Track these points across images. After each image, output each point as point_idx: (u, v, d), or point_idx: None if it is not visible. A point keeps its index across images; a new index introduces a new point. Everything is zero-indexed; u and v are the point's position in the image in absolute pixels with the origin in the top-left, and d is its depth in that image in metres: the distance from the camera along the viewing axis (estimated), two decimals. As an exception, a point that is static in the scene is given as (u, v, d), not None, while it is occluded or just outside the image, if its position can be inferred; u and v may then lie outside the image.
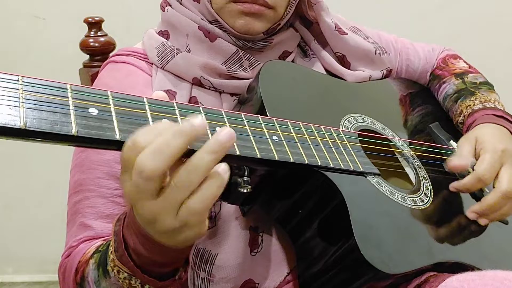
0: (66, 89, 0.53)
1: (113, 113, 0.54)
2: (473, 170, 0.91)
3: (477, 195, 0.90)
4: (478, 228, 0.87)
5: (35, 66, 1.65)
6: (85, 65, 1.20)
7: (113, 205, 0.82)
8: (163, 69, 0.90)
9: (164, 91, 0.86)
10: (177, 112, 0.60)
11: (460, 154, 0.92)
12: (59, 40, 1.64)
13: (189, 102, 0.88)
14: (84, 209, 0.82)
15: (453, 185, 0.89)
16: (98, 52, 1.19)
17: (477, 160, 0.90)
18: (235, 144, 0.63)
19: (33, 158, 1.77)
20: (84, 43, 1.19)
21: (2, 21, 1.66)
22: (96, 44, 1.19)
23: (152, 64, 0.92)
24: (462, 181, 0.87)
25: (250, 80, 0.89)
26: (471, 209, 0.87)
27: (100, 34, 1.19)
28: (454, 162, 0.90)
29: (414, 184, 0.89)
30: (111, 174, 0.82)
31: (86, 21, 1.19)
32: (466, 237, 0.86)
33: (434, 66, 1.14)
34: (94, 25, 1.19)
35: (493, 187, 0.87)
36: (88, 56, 1.20)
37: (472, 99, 1.03)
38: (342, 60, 1.01)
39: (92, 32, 1.19)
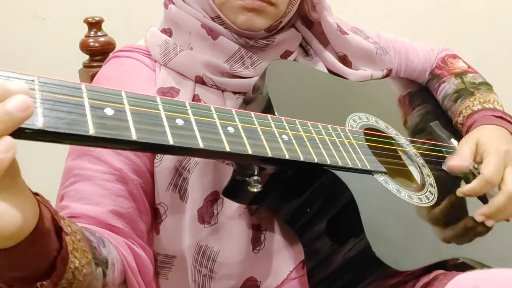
0: (81, 89, 0.53)
1: (128, 113, 0.54)
2: (476, 170, 0.91)
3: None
4: (483, 225, 0.87)
5: (35, 66, 1.63)
6: (85, 66, 1.19)
7: (95, 187, 0.81)
8: (166, 66, 0.90)
9: (167, 88, 0.88)
10: (189, 112, 0.60)
11: (459, 154, 0.91)
12: (59, 40, 1.63)
13: (192, 100, 0.88)
14: (68, 193, 0.81)
15: (461, 191, 0.88)
16: (98, 52, 1.18)
17: (480, 163, 0.90)
18: (246, 143, 0.64)
19: (33, 160, 1.76)
20: (84, 43, 1.18)
21: (2, 21, 1.64)
22: (96, 44, 1.18)
23: (155, 60, 0.92)
24: (470, 185, 0.86)
25: (252, 78, 0.90)
26: (480, 211, 0.87)
27: (100, 34, 1.19)
28: (453, 162, 0.90)
29: (419, 182, 0.90)
30: (98, 158, 0.82)
31: (86, 21, 1.19)
32: (472, 234, 0.87)
33: (434, 66, 1.15)
34: (94, 25, 1.19)
35: (499, 189, 0.87)
36: (88, 56, 1.20)
37: (471, 99, 1.04)
38: (344, 60, 1.02)
39: (92, 32, 1.18)
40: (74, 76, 1.21)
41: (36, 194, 0.55)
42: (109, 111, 0.53)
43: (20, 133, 0.46)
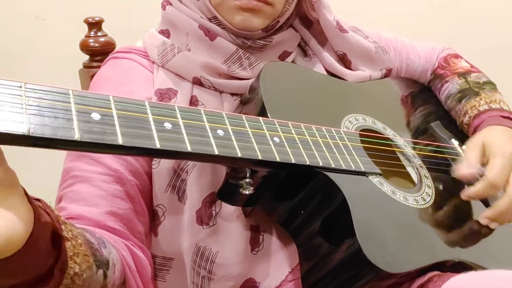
0: (68, 94, 0.53)
1: (115, 118, 0.54)
2: (481, 177, 0.90)
3: None
4: (480, 227, 0.87)
5: (35, 66, 1.65)
6: (85, 66, 1.20)
7: (92, 188, 0.81)
8: (163, 67, 0.90)
9: (165, 89, 0.88)
10: (178, 115, 0.61)
11: (467, 160, 0.90)
12: (59, 40, 1.64)
13: (190, 101, 0.88)
14: (66, 194, 0.82)
15: (466, 194, 0.87)
16: (98, 53, 1.19)
17: (486, 164, 0.88)
18: (236, 146, 0.64)
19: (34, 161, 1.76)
20: (84, 43, 1.19)
21: (2, 21, 1.65)
22: (96, 45, 1.18)
23: (153, 62, 0.93)
24: (474, 188, 0.85)
25: (250, 80, 0.89)
26: (484, 215, 0.86)
27: (100, 34, 1.19)
28: (463, 171, 0.88)
29: (416, 183, 0.89)
30: (96, 159, 0.82)
31: (86, 21, 1.19)
32: (469, 236, 0.86)
33: (436, 65, 1.14)
34: (94, 25, 1.19)
35: (504, 191, 0.86)
36: (88, 56, 1.20)
37: (477, 99, 1.03)
38: (343, 59, 1.01)
39: (92, 32, 1.19)
40: (74, 76, 1.22)
41: (37, 199, 0.55)
42: (95, 116, 0.53)
43: (5, 139, 0.46)
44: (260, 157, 0.65)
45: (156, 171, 0.85)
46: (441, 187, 0.91)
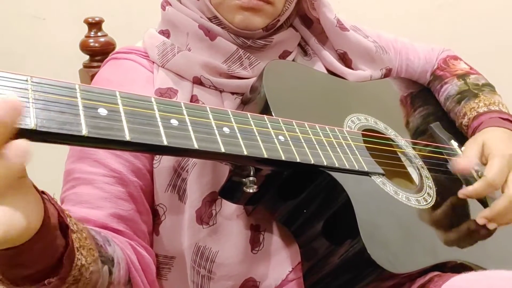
0: (75, 89, 0.52)
1: (122, 114, 0.54)
2: (476, 172, 0.91)
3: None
4: (481, 228, 0.87)
5: (35, 66, 1.64)
6: (85, 66, 1.20)
7: (95, 190, 0.81)
8: (163, 67, 0.90)
9: (165, 89, 0.88)
10: (184, 112, 0.60)
11: (465, 155, 0.91)
12: (59, 40, 1.64)
13: (190, 101, 0.88)
14: (68, 197, 0.82)
15: (463, 192, 0.87)
16: (98, 53, 1.19)
17: (485, 165, 0.89)
18: (242, 144, 0.64)
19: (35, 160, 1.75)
20: (84, 43, 1.19)
21: (2, 21, 1.65)
22: (96, 45, 1.18)
23: (153, 62, 0.92)
24: (472, 187, 0.86)
25: (251, 79, 0.90)
26: (481, 214, 0.87)
27: (100, 35, 1.19)
28: (460, 163, 0.90)
29: (417, 184, 0.89)
30: (98, 161, 0.82)
31: (86, 21, 1.19)
32: (470, 237, 0.86)
33: (435, 67, 1.14)
34: (94, 25, 1.19)
35: (502, 192, 0.86)
36: (88, 56, 1.20)
37: (476, 101, 1.03)
38: (344, 58, 1.01)
39: (92, 33, 1.19)
40: (74, 77, 1.21)
41: (42, 192, 0.55)
42: (102, 111, 0.53)
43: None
44: (265, 156, 0.65)
45: (156, 170, 0.85)
46: (442, 188, 0.91)
